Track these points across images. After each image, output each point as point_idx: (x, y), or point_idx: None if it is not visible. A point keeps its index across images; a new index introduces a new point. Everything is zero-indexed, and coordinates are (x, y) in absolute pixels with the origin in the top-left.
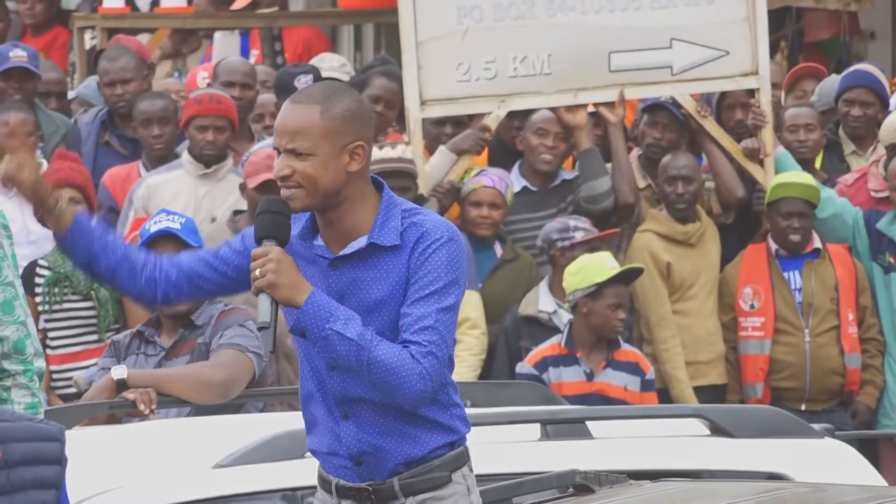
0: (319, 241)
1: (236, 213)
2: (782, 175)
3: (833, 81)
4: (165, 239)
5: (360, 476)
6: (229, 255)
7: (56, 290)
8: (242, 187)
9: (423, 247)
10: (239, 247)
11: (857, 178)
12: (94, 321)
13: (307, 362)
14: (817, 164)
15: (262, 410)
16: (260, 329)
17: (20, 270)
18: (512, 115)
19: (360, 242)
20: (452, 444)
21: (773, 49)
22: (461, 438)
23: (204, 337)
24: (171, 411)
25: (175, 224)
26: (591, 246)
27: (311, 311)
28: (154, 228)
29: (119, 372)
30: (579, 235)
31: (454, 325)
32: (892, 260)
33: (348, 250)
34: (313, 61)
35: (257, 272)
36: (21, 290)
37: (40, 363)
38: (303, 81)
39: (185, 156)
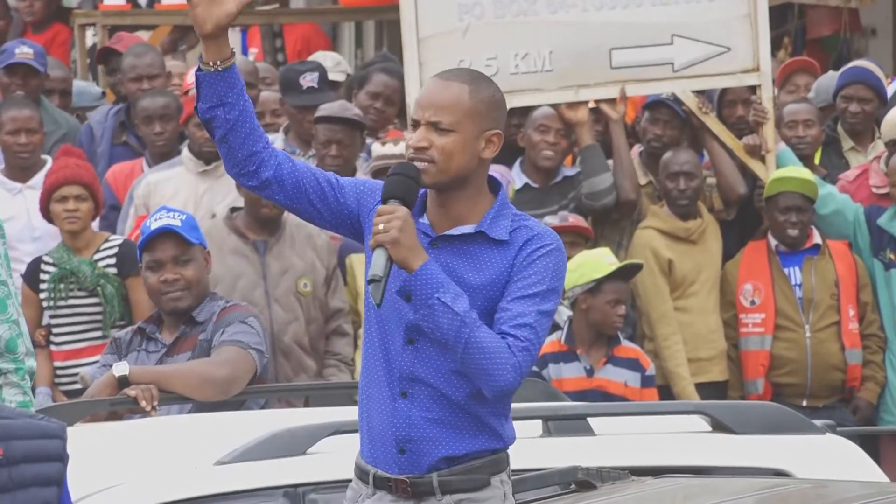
0: (425, 220)
1: (233, 210)
2: (779, 170)
3: (831, 78)
4: (166, 236)
5: (399, 467)
6: (341, 189)
7: (62, 286)
8: (239, 184)
9: (533, 248)
10: (350, 189)
11: (858, 174)
12: (99, 317)
13: (379, 339)
14: (816, 161)
15: (263, 407)
16: (370, 282)
17: (24, 267)
18: (510, 112)
19: (468, 228)
20: (495, 449)
21: (777, 46)
22: (501, 448)
23: (205, 334)
24: (172, 408)
25: (175, 221)
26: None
27: (423, 276)
28: (154, 226)
29: (121, 368)
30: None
31: (547, 329)
32: (892, 256)
33: (455, 231)
34: (309, 59)
35: (381, 226)
36: (14, 289)
37: (31, 362)
38: (309, 79)
39: (185, 153)
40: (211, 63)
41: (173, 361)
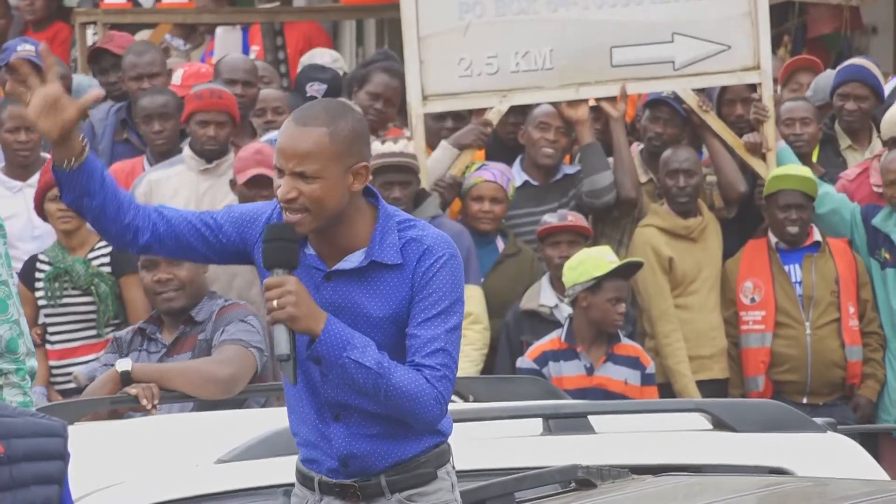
0: (310, 251)
1: None
2: (779, 168)
3: (829, 76)
4: None
5: (346, 475)
6: (220, 229)
7: (56, 284)
8: (233, 183)
9: (427, 265)
10: (230, 225)
11: (858, 172)
12: (93, 316)
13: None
14: (814, 159)
15: (264, 405)
16: (280, 361)
17: (21, 265)
18: (510, 110)
19: (358, 257)
20: (438, 443)
21: (776, 44)
22: (446, 439)
23: (205, 333)
24: (173, 407)
25: None
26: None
27: (328, 340)
28: None
29: (124, 364)
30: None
31: (460, 342)
32: (887, 256)
33: (346, 265)
34: (305, 57)
35: (275, 303)
36: (14, 289)
37: (32, 362)
38: (315, 88)
39: (187, 151)
40: (65, 163)
41: (174, 361)
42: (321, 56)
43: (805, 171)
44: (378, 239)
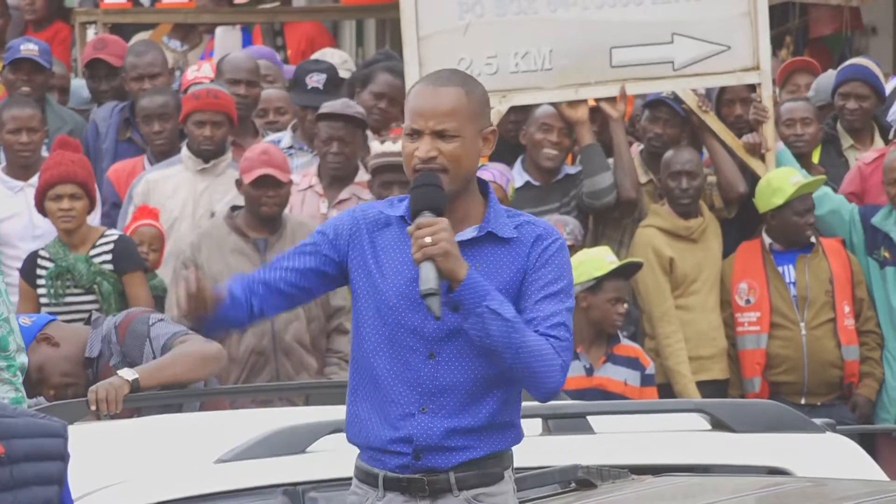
0: None
1: (234, 208)
2: (783, 175)
3: (830, 77)
4: None
5: (414, 469)
6: (323, 261)
7: (58, 283)
8: (239, 183)
9: (546, 244)
10: (327, 246)
11: (876, 157)
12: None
13: (382, 355)
14: (815, 159)
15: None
16: (426, 296)
17: (21, 262)
18: (510, 110)
19: (474, 231)
20: (512, 444)
21: (778, 44)
22: (515, 444)
23: (115, 357)
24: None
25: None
26: None
27: (470, 285)
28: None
29: (129, 373)
30: None
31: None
32: (887, 255)
33: (464, 236)
34: (314, 57)
35: (427, 239)
36: (3, 287)
37: (23, 359)
38: (315, 79)
39: (185, 151)
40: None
41: None
42: (330, 57)
43: (806, 174)
44: (492, 216)
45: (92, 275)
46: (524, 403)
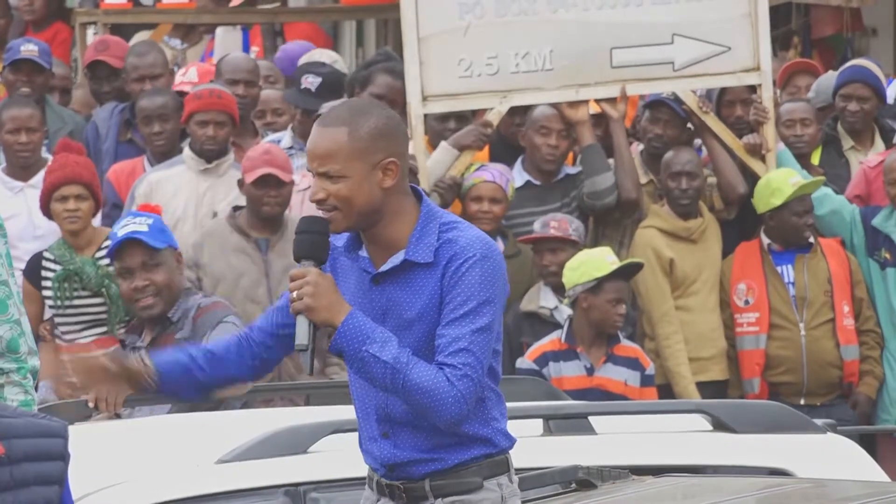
0: (364, 254)
1: (236, 208)
2: (783, 176)
3: (830, 78)
4: (132, 244)
5: (392, 477)
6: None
7: (66, 285)
8: (240, 183)
9: (456, 266)
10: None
11: (880, 160)
12: (103, 317)
13: (352, 379)
14: (816, 160)
15: (243, 406)
16: (298, 351)
17: (24, 264)
18: (512, 110)
19: (398, 258)
20: (489, 454)
21: (785, 45)
22: (501, 451)
23: (183, 332)
24: (143, 409)
25: (142, 227)
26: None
27: (347, 332)
28: (121, 233)
29: None
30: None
31: (489, 344)
32: (887, 256)
33: (386, 266)
34: (303, 59)
35: (294, 294)
36: (15, 289)
37: (34, 361)
38: (309, 81)
39: (187, 151)
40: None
41: None
42: (319, 56)
43: (807, 175)
44: (415, 239)
45: (100, 278)
46: (525, 404)
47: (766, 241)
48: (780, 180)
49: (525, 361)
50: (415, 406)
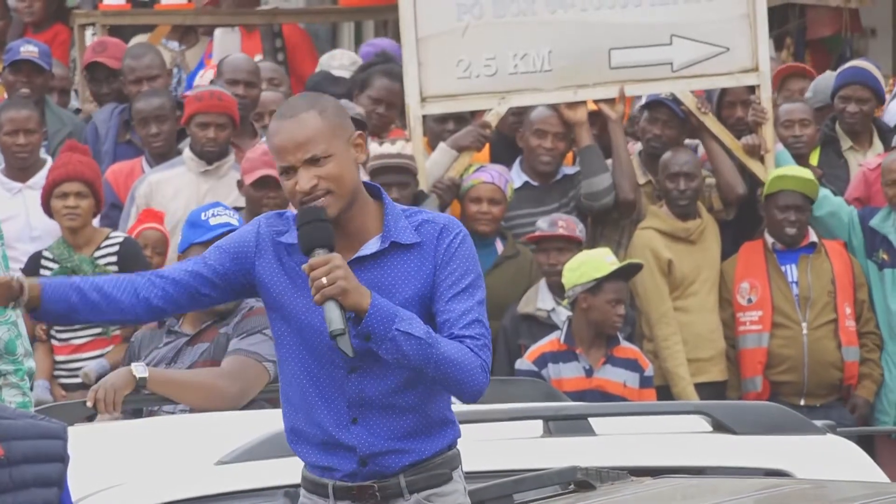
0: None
1: (236, 209)
2: (780, 168)
3: (829, 78)
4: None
5: (363, 476)
6: (218, 269)
7: None
8: (240, 184)
9: (447, 242)
10: (225, 260)
11: (879, 162)
12: None
13: (305, 372)
14: (815, 161)
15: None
16: (335, 336)
17: (23, 264)
18: (509, 111)
19: (376, 243)
20: (451, 445)
21: (779, 45)
22: (455, 439)
23: (227, 328)
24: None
25: (234, 221)
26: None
27: (377, 313)
28: (214, 222)
29: (140, 370)
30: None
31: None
32: (885, 256)
33: (367, 251)
34: (324, 58)
35: (324, 280)
36: None
37: (30, 363)
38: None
39: (187, 152)
40: (10, 306)
41: (192, 351)
42: (340, 56)
43: (806, 173)
44: (392, 223)
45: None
46: (525, 405)
47: (769, 240)
48: (781, 170)
49: (524, 363)
50: (443, 380)
